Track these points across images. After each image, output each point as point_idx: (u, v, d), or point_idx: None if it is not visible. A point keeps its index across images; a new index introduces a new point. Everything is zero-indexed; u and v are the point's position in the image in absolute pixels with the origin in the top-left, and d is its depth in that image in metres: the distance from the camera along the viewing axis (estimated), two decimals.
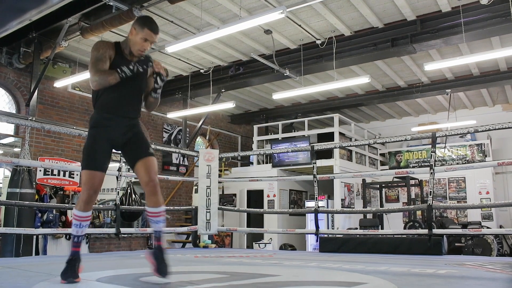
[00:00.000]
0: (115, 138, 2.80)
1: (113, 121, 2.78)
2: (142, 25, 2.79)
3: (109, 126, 2.77)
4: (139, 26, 2.79)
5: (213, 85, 9.63)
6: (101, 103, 2.80)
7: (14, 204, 6.34)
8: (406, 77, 10.29)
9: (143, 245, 9.86)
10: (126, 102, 2.82)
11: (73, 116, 9.22)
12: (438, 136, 5.34)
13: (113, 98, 2.78)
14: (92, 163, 2.72)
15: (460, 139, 11.37)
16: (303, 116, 12.37)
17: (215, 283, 2.73)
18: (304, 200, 11.67)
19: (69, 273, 2.63)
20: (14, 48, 8.19)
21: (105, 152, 2.79)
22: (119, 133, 2.80)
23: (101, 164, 2.75)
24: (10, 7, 3.17)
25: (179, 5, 6.66)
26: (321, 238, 6.22)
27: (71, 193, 8.47)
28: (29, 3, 3.28)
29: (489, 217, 10.19)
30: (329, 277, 3.15)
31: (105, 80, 2.68)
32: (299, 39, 8.27)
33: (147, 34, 2.79)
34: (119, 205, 5.93)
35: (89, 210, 2.76)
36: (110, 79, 2.68)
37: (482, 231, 6.75)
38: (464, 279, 3.16)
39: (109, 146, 2.81)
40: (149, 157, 2.81)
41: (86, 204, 2.73)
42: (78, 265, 2.69)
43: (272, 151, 9.84)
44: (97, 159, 2.75)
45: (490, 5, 6.56)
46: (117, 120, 2.79)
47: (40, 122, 6.49)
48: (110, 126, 2.78)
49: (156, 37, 2.84)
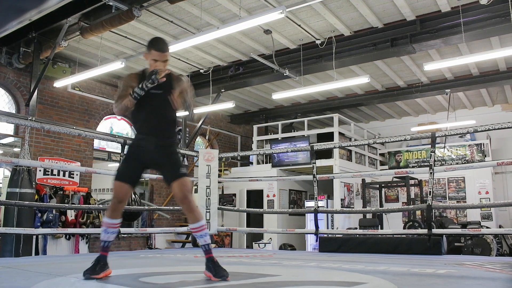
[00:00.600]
0: (145, 157, 2.97)
1: (143, 141, 2.98)
2: (149, 47, 2.93)
3: (141, 146, 3.00)
4: (148, 48, 2.94)
5: (213, 85, 9.63)
6: (134, 125, 3.09)
7: (14, 204, 6.33)
8: (405, 77, 10.30)
9: (142, 245, 9.86)
10: (152, 122, 2.97)
11: (72, 116, 9.22)
12: (437, 136, 5.34)
13: (140, 119, 3.00)
14: (119, 174, 2.96)
15: (459, 139, 11.37)
16: (303, 116, 12.37)
17: (215, 283, 2.73)
18: (304, 200, 11.68)
19: (88, 271, 2.81)
20: (14, 48, 8.19)
21: (133, 168, 3.00)
22: (149, 152, 2.96)
23: (127, 177, 2.95)
24: (9, 7, 3.16)
25: (178, 5, 6.66)
26: (320, 238, 6.22)
27: (70, 193, 8.47)
28: (28, 3, 3.28)
29: (488, 217, 10.19)
30: (328, 277, 3.16)
31: (122, 104, 2.91)
32: (299, 39, 8.28)
33: (154, 55, 2.90)
34: None
35: (116, 217, 2.95)
36: (125, 102, 2.90)
37: (482, 231, 6.74)
38: (464, 279, 3.16)
39: (139, 164, 3.01)
40: (183, 178, 2.92)
41: (112, 212, 2.94)
42: (101, 267, 2.86)
43: (272, 151, 9.84)
44: (124, 172, 2.98)
45: (489, 5, 6.57)
46: (148, 140, 2.96)
47: (39, 122, 6.49)
48: (141, 145, 2.99)
49: (164, 55, 2.93)
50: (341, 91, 11.23)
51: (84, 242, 8.38)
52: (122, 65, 7.48)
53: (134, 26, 7.59)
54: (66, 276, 3.02)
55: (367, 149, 12.06)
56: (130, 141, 3.08)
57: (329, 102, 11.91)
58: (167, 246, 10.38)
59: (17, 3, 3.17)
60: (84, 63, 9.15)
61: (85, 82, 9.33)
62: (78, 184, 8.91)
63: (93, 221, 8.38)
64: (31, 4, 3.28)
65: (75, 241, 8.25)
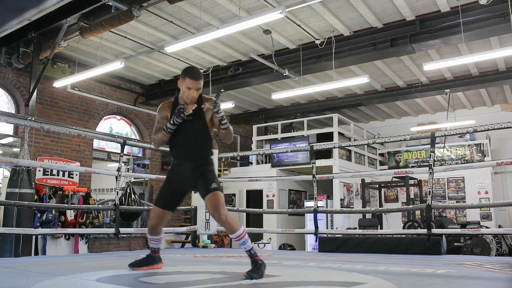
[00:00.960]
0: (183, 182, 3.18)
1: (180, 166, 3.18)
2: (183, 75, 3.07)
3: (178, 171, 3.18)
4: (182, 76, 3.09)
5: (213, 85, 9.63)
6: (170, 150, 3.25)
7: (13, 204, 6.33)
8: (405, 77, 10.30)
9: (142, 245, 9.85)
10: (188, 147, 3.15)
11: (72, 116, 9.22)
12: (437, 136, 5.34)
13: (176, 146, 3.18)
14: (160, 201, 3.21)
15: (459, 139, 11.38)
16: (302, 116, 12.37)
17: (214, 283, 2.74)
18: (303, 200, 11.68)
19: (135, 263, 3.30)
20: (13, 48, 8.18)
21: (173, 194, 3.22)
22: (186, 177, 3.15)
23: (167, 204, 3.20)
24: (9, 7, 3.16)
25: (178, 5, 6.65)
26: (320, 238, 6.22)
27: (70, 193, 8.46)
28: (28, 3, 3.28)
29: (488, 216, 10.20)
30: (328, 277, 3.16)
31: (158, 139, 3.17)
32: (298, 39, 8.28)
33: (188, 83, 3.04)
34: (119, 205, 5.92)
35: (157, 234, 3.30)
36: (160, 137, 3.15)
37: (481, 231, 6.75)
38: (463, 278, 3.16)
39: (179, 189, 3.23)
40: (213, 193, 3.03)
41: (152, 231, 3.27)
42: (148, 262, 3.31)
43: (271, 151, 9.83)
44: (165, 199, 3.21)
45: (489, 5, 6.56)
46: (184, 164, 3.16)
47: (39, 122, 6.49)
48: (180, 170, 3.18)
49: (198, 83, 3.06)
50: (341, 91, 11.23)
51: (84, 242, 8.38)
52: (121, 65, 7.47)
53: (133, 26, 7.58)
54: (65, 276, 3.02)
55: (367, 149, 12.06)
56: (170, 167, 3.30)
57: (328, 102, 11.91)
58: (166, 246, 10.38)
59: (17, 3, 3.17)
60: (84, 63, 9.14)
61: (84, 82, 9.32)
62: (77, 184, 8.90)
63: (93, 221, 8.38)
64: (31, 4, 3.29)
65: (75, 241, 8.24)
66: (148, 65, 9.61)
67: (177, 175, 3.17)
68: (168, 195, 3.20)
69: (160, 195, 3.23)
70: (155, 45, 8.45)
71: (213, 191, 3.03)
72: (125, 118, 10.72)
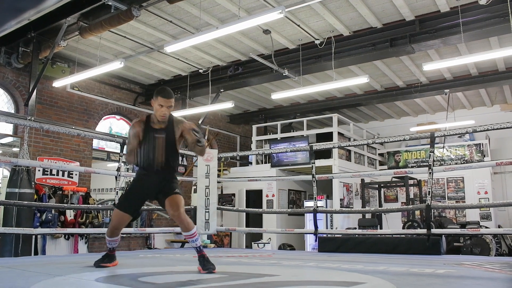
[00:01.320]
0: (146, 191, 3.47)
1: (149, 177, 3.44)
2: (156, 95, 3.34)
3: (144, 180, 3.47)
4: (155, 96, 3.35)
5: (212, 85, 9.62)
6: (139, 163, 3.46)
7: (13, 204, 6.33)
8: (404, 77, 10.30)
9: (142, 245, 9.85)
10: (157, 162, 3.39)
11: (71, 116, 9.21)
12: (436, 136, 5.35)
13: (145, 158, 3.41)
14: (121, 205, 3.47)
15: (458, 139, 11.38)
16: (302, 116, 12.37)
17: (214, 283, 2.74)
18: (303, 200, 11.68)
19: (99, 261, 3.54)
20: (13, 47, 8.17)
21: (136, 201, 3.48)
22: (153, 187, 3.42)
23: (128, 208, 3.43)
24: (9, 7, 3.16)
25: (178, 4, 6.65)
26: (320, 238, 6.22)
27: (70, 193, 8.45)
28: (27, 3, 3.28)
29: (487, 217, 10.20)
30: (328, 277, 3.16)
31: (128, 160, 3.59)
32: (298, 39, 8.28)
33: (160, 101, 3.31)
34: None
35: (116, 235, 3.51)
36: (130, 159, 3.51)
37: (481, 231, 6.75)
38: (463, 278, 3.17)
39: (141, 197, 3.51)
40: (176, 195, 3.36)
41: (111, 234, 3.49)
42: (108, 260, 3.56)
43: (271, 151, 9.84)
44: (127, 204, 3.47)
45: (488, 5, 6.57)
46: (153, 177, 3.42)
47: (39, 122, 6.49)
48: (146, 181, 3.45)
49: (169, 101, 3.33)
50: (340, 91, 11.23)
51: (83, 242, 8.37)
52: (121, 65, 7.47)
53: (133, 26, 7.58)
54: (65, 276, 3.02)
55: (366, 149, 12.06)
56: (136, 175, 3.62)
57: (328, 102, 11.91)
58: (166, 246, 10.37)
59: (16, 3, 3.17)
60: (83, 63, 9.14)
61: (84, 82, 9.32)
62: (77, 184, 8.90)
63: (92, 221, 8.38)
64: (30, 4, 3.29)
65: (74, 241, 8.24)
66: (148, 65, 9.61)
67: (143, 185, 3.45)
68: (131, 201, 3.46)
69: (124, 200, 3.54)
70: (155, 45, 8.45)
71: (176, 193, 3.36)
72: (124, 118, 10.71)
